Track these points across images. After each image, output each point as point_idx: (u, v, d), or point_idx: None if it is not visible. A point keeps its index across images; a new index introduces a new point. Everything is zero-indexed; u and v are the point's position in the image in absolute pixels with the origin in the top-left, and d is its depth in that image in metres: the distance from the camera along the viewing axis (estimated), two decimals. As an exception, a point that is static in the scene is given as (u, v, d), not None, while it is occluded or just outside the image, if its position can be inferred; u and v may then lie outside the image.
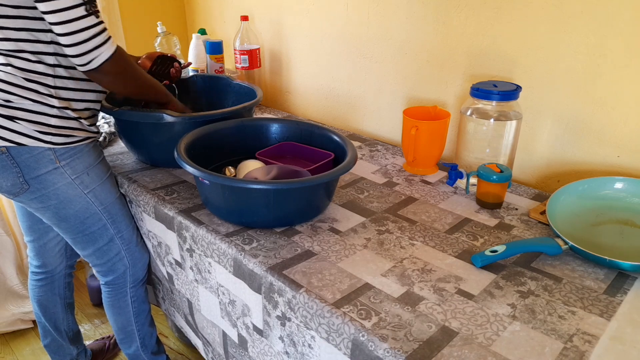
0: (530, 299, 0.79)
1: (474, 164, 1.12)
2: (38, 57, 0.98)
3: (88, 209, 1.12)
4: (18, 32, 0.95)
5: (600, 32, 1.02)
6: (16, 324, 1.75)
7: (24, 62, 0.97)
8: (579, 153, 1.13)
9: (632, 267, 0.81)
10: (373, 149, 1.40)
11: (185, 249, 1.07)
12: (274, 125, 1.22)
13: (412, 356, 0.67)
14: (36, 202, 1.07)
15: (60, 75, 1.01)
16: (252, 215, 0.97)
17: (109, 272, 1.24)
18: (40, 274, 1.36)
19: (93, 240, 1.17)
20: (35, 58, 0.98)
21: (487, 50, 1.20)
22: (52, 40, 0.98)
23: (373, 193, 1.14)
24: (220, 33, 2.01)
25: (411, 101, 1.42)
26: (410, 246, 0.93)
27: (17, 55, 0.97)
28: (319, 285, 0.82)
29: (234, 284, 0.96)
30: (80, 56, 0.94)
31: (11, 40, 0.95)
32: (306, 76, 1.71)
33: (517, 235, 0.97)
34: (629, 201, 0.97)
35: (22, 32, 0.95)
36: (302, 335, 0.84)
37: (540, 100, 1.15)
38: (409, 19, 1.34)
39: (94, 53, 0.94)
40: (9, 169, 1.01)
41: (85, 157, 1.09)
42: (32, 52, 0.97)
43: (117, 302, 1.29)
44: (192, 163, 0.94)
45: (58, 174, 1.05)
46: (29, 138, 0.99)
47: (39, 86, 0.99)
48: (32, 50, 0.97)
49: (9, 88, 0.97)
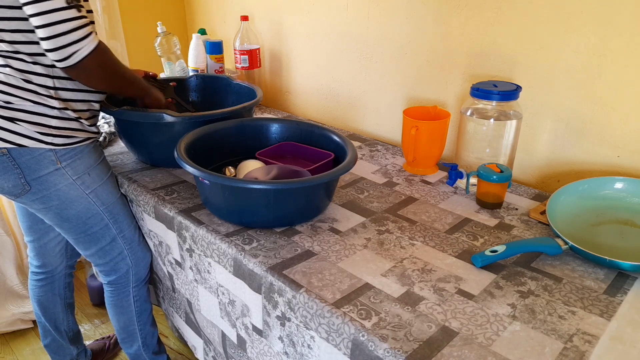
0: (531, 299, 0.79)
1: (474, 164, 1.12)
2: (34, 58, 0.97)
3: (90, 209, 1.12)
4: (12, 34, 0.95)
5: (601, 32, 1.02)
6: (16, 324, 1.75)
7: (22, 63, 0.97)
8: (579, 153, 1.13)
9: (632, 267, 0.81)
10: (373, 149, 1.40)
11: (185, 248, 1.07)
12: (274, 125, 1.22)
13: (412, 356, 0.67)
14: (38, 203, 1.07)
15: (58, 75, 1.01)
16: (252, 215, 0.97)
17: (112, 272, 1.24)
18: (41, 274, 1.36)
19: (95, 240, 1.17)
20: (31, 59, 0.97)
21: (487, 50, 1.20)
22: None
23: (373, 193, 1.14)
24: (220, 33, 2.01)
25: (411, 101, 1.42)
26: (410, 246, 0.93)
27: (14, 56, 0.96)
28: (319, 285, 0.82)
29: (234, 284, 0.96)
30: (57, 50, 0.90)
31: (6, 42, 0.95)
32: (306, 76, 1.71)
33: (517, 235, 0.97)
34: (629, 201, 0.97)
35: (16, 33, 0.95)
36: (301, 336, 0.84)
37: (540, 100, 1.15)
38: (409, 19, 1.34)
39: (73, 47, 0.90)
40: (10, 170, 1.01)
41: (86, 157, 1.09)
42: (27, 54, 0.97)
43: (120, 301, 1.29)
44: (192, 163, 0.94)
45: (59, 175, 1.05)
46: (29, 139, 0.99)
47: (38, 87, 0.99)
48: (27, 51, 0.97)
49: (8, 89, 0.97)
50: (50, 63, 0.99)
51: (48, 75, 0.99)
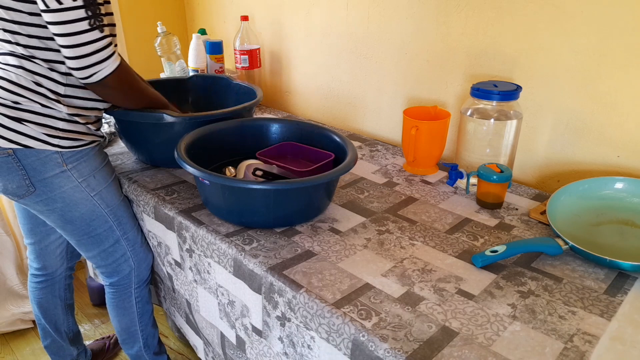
0: (531, 299, 0.79)
1: (474, 164, 1.12)
2: (50, 64, 0.98)
3: (94, 212, 1.12)
4: (29, 39, 0.95)
5: (600, 32, 1.02)
6: (16, 324, 1.75)
7: (37, 66, 0.98)
8: (579, 153, 1.13)
9: (633, 267, 0.81)
10: (373, 149, 1.40)
11: (185, 249, 1.07)
12: (274, 125, 1.22)
13: (412, 356, 0.67)
14: (41, 205, 1.07)
15: (72, 84, 1.01)
16: (252, 216, 0.96)
17: (114, 273, 1.24)
18: (41, 277, 1.36)
19: (98, 242, 1.17)
20: (48, 65, 0.98)
21: (487, 50, 1.20)
22: None
23: (373, 193, 1.13)
24: (220, 33, 2.01)
25: (411, 101, 1.42)
26: (410, 246, 0.93)
27: (29, 59, 0.97)
28: (319, 285, 0.82)
29: (234, 285, 0.96)
30: (81, 70, 0.94)
31: (21, 45, 0.96)
32: (306, 76, 1.71)
33: (517, 235, 0.97)
34: (629, 201, 0.97)
35: (33, 39, 0.96)
36: (301, 336, 0.84)
37: (540, 100, 1.15)
38: (409, 19, 1.34)
39: (96, 68, 0.94)
40: (15, 171, 1.00)
41: (91, 160, 1.09)
42: (43, 60, 0.98)
43: (122, 302, 1.28)
44: (192, 163, 0.94)
45: (65, 177, 1.05)
46: (36, 141, 0.99)
47: (48, 92, 0.99)
48: (43, 57, 0.97)
49: (18, 90, 0.97)
50: (67, 71, 1.00)
51: (61, 83, 1.00)
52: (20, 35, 0.95)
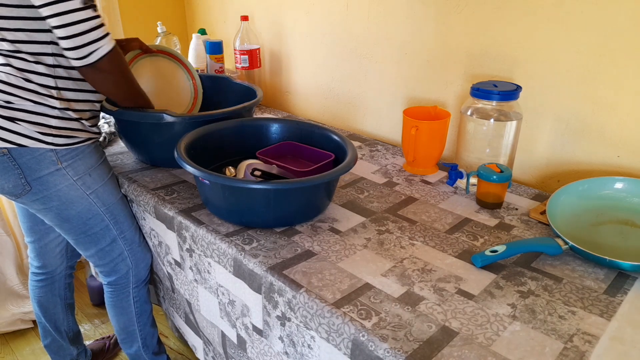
0: (531, 299, 0.79)
1: (474, 164, 1.12)
2: (36, 57, 0.97)
3: (90, 210, 1.12)
4: (14, 33, 0.95)
5: (601, 32, 1.02)
6: (16, 324, 1.75)
7: (23, 62, 0.97)
8: (579, 153, 1.13)
9: (632, 267, 0.81)
10: (373, 149, 1.40)
11: (185, 249, 1.07)
12: (274, 125, 1.22)
13: (412, 356, 0.67)
14: (38, 204, 1.07)
15: (60, 75, 1.01)
16: (252, 215, 0.96)
17: (112, 273, 1.24)
18: (41, 275, 1.36)
19: (95, 241, 1.17)
20: (34, 59, 0.97)
21: (487, 50, 1.20)
22: (52, 40, 0.97)
23: (373, 193, 1.14)
24: (220, 33, 2.01)
25: (411, 101, 1.42)
26: (410, 246, 0.93)
27: (15, 55, 0.96)
28: (319, 285, 0.82)
29: (234, 284, 0.96)
30: (76, 49, 0.93)
31: (7, 40, 0.95)
32: (306, 76, 1.71)
33: (517, 235, 0.97)
34: (629, 201, 0.97)
35: (19, 32, 0.95)
36: (301, 336, 0.84)
37: (540, 100, 1.15)
38: (409, 19, 1.34)
39: (92, 47, 0.93)
40: (11, 170, 1.01)
41: (87, 158, 1.09)
42: (29, 53, 0.97)
43: (120, 302, 1.28)
44: (192, 163, 0.94)
45: (60, 175, 1.05)
46: (30, 139, 0.99)
47: (39, 87, 0.99)
48: (29, 51, 0.97)
49: (9, 89, 0.97)
50: (54, 63, 0.99)
51: (50, 75, 0.99)
52: (7, 31, 0.94)
